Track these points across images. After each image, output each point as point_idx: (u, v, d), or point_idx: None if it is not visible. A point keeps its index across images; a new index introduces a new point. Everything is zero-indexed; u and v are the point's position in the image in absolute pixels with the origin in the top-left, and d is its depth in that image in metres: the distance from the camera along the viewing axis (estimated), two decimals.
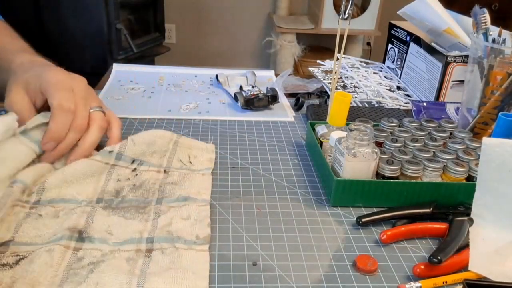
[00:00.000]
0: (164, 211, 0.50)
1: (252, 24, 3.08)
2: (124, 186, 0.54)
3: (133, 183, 0.55)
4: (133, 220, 0.49)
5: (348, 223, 0.52)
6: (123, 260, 0.43)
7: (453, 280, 0.43)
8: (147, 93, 0.86)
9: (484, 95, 0.66)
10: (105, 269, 0.41)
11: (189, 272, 0.42)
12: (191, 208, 0.51)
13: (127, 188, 0.54)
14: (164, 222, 0.48)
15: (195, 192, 0.53)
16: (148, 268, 0.42)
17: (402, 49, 0.96)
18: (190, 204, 0.51)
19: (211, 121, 0.76)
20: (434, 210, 0.52)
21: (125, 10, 2.18)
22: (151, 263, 0.43)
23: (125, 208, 0.50)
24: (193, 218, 0.49)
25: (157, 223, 0.48)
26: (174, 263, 0.43)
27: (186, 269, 0.42)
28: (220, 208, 0.53)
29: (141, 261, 0.43)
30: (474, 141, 0.61)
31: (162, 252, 0.44)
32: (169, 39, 3.01)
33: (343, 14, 0.63)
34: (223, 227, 0.50)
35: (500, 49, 0.64)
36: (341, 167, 0.54)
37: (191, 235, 0.46)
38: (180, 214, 0.49)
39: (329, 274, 0.44)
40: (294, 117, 0.79)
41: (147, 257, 0.44)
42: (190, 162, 0.60)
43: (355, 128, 0.55)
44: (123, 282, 0.40)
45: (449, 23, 0.83)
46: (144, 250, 0.44)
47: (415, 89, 0.90)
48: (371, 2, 2.59)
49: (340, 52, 0.65)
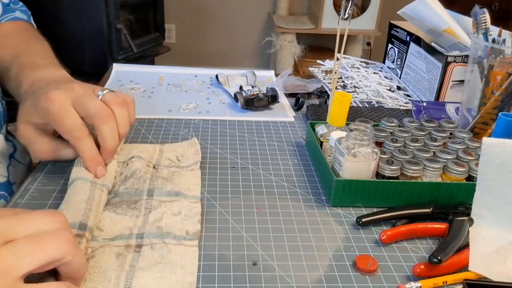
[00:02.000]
0: (155, 207, 0.50)
1: (252, 24, 3.08)
2: (116, 181, 0.54)
3: (124, 175, 0.55)
4: (124, 216, 0.49)
5: (348, 223, 0.52)
6: (113, 256, 0.43)
7: (453, 280, 0.43)
8: (147, 93, 0.86)
9: (484, 95, 0.66)
10: (94, 265, 0.42)
11: (177, 267, 0.42)
12: (182, 204, 0.51)
13: (119, 182, 0.54)
14: (155, 218, 0.48)
15: (185, 189, 0.54)
16: (137, 263, 0.42)
17: (402, 49, 0.96)
18: (181, 199, 0.51)
19: (211, 121, 0.76)
20: (434, 210, 0.52)
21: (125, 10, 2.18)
22: (141, 258, 0.43)
23: (117, 204, 0.50)
24: (183, 214, 0.49)
25: (148, 218, 0.48)
26: (163, 257, 0.43)
27: (175, 264, 0.42)
28: (220, 208, 0.53)
29: (131, 256, 0.43)
30: (474, 141, 0.61)
31: (152, 248, 0.44)
32: (169, 39, 3.01)
33: (343, 14, 0.63)
34: (223, 227, 0.50)
35: (500, 49, 0.64)
36: (341, 167, 0.54)
37: (181, 231, 0.47)
38: (171, 210, 0.50)
39: (329, 274, 0.44)
40: (294, 117, 0.79)
41: (137, 252, 0.44)
42: (178, 160, 0.60)
43: (355, 128, 0.55)
44: (111, 278, 0.40)
45: (449, 23, 0.83)
46: (134, 246, 0.45)
47: (415, 89, 0.90)
48: (371, 2, 2.59)
49: (340, 52, 0.65)
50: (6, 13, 0.73)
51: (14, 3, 0.76)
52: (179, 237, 0.46)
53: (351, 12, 0.63)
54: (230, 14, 3.03)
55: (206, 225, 0.50)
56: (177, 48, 2.99)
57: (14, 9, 0.75)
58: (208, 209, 0.53)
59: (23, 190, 0.54)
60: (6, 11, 0.73)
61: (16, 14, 0.74)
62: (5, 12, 0.73)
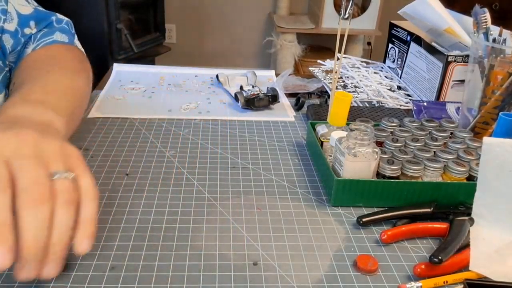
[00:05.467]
0: None
1: (253, 24, 3.08)
2: None
3: None
4: None
5: (348, 223, 0.52)
6: None
7: (454, 280, 0.43)
8: (148, 93, 0.86)
9: (484, 94, 0.66)
10: None
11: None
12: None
13: None
14: None
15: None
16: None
17: (403, 48, 0.96)
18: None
19: (211, 121, 0.76)
20: (435, 210, 0.52)
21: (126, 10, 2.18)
22: None
23: None
24: None
25: None
26: None
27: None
28: (221, 208, 0.53)
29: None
30: (475, 141, 0.61)
31: None
32: (169, 39, 3.01)
33: (344, 14, 0.63)
34: (224, 227, 0.50)
35: (500, 49, 0.64)
36: (341, 167, 0.54)
37: None
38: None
39: (329, 274, 0.44)
40: (295, 117, 0.79)
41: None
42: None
43: (356, 128, 0.55)
44: None
45: (450, 22, 0.83)
46: None
47: (415, 89, 0.90)
48: (371, 2, 2.59)
49: (341, 52, 0.65)
50: (44, 37, 0.66)
51: (58, 21, 0.69)
52: None
53: (351, 12, 0.63)
54: (231, 14, 3.03)
55: (207, 225, 0.50)
56: (177, 48, 2.99)
57: (54, 30, 0.67)
58: (208, 209, 0.53)
59: None
60: (44, 34, 0.66)
61: (54, 36, 0.67)
62: (44, 35, 0.66)
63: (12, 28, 0.62)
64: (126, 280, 0.42)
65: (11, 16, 0.62)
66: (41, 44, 0.65)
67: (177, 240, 0.48)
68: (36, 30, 0.66)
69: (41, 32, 0.66)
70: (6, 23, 0.62)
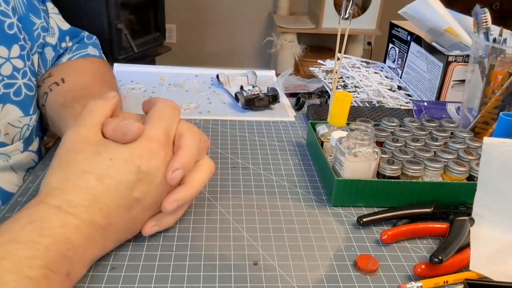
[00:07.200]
0: None
1: (253, 24, 3.08)
2: None
3: None
4: None
5: (348, 223, 0.52)
6: None
7: (454, 280, 0.43)
8: (148, 93, 0.86)
9: (485, 94, 0.66)
10: None
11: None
12: None
13: None
14: None
15: None
16: None
17: (403, 48, 0.96)
18: None
19: (212, 121, 0.76)
20: (435, 210, 0.52)
21: (126, 10, 2.18)
22: None
23: None
24: None
25: None
26: None
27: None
28: (221, 208, 0.53)
29: None
30: (475, 141, 0.61)
31: None
32: (169, 39, 3.01)
33: (344, 14, 0.63)
34: (224, 227, 0.50)
35: (501, 49, 0.64)
36: (341, 167, 0.54)
37: None
38: None
39: (329, 274, 0.44)
40: (295, 117, 0.79)
41: None
42: None
43: (356, 128, 0.55)
44: None
45: (450, 22, 0.83)
46: None
47: (416, 89, 0.90)
48: (371, 1, 2.59)
49: (341, 52, 0.65)
50: (78, 50, 0.72)
51: (88, 38, 0.76)
52: None
53: (351, 11, 0.63)
54: (231, 14, 3.03)
55: (207, 225, 0.50)
56: (177, 48, 2.99)
57: (87, 44, 0.74)
58: (208, 209, 0.53)
59: (24, 188, 0.54)
60: (78, 48, 0.72)
61: (88, 50, 0.73)
62: (78, 48, 0.72)
63: (54, 42, 0.68)
64: (126, 280, 0.42)
65: (53, 31, 0.68)
66: (77, 56, 0.71)
67: (177, 240, 0.47)
68: (71, 44, 0.72)
69: (75, 46, 0.73)
70: (49, 36, 0.67)
